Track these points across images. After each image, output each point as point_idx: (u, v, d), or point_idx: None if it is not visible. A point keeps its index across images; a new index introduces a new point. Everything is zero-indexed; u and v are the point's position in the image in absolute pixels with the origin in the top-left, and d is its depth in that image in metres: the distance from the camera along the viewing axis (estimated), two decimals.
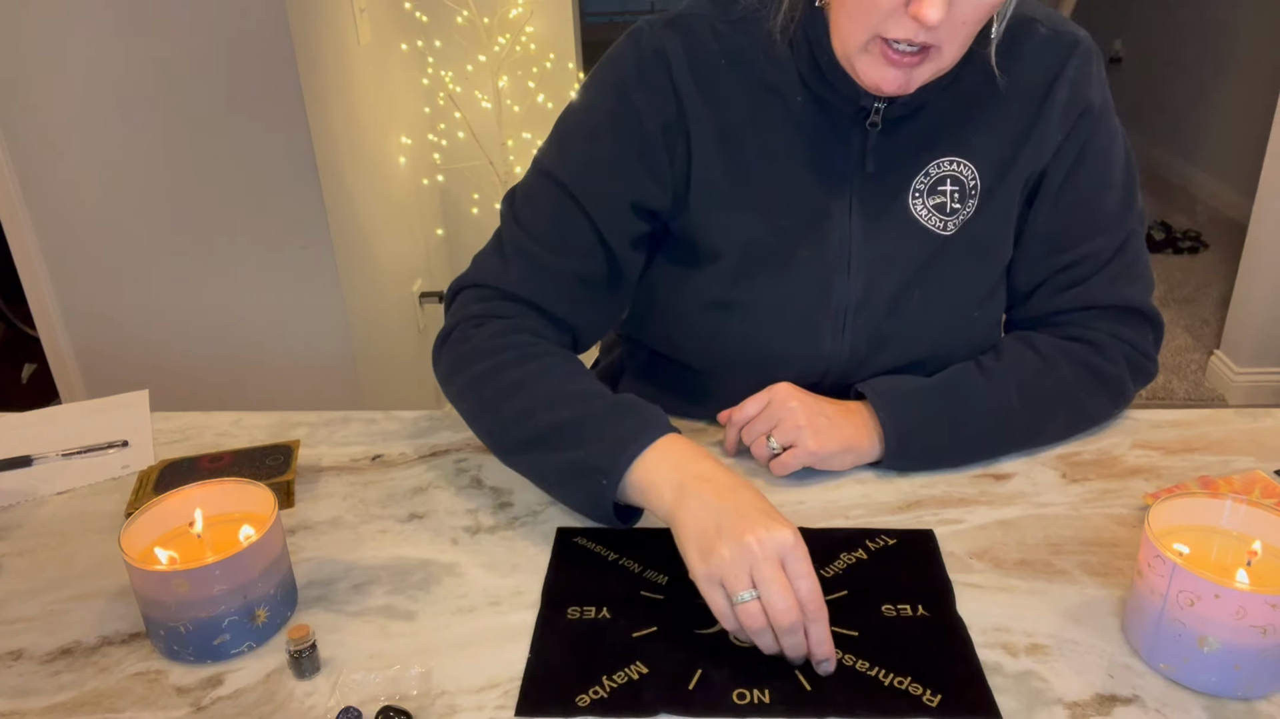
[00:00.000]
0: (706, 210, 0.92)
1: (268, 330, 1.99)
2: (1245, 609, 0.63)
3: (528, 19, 2.38)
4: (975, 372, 0.94)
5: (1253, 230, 2.59)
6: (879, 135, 0.89)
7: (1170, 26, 4.45)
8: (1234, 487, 0.85)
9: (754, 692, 0.67)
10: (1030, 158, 0.92)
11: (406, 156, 2.35)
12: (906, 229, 0.92)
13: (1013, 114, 0.91)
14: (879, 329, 0.95)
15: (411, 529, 0.87)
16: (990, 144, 0.92)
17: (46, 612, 0.78)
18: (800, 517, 0.86)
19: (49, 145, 1.84)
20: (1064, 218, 0.95)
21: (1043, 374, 0.94)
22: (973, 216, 0.93)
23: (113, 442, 1.01)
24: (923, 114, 0.90)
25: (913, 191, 0.92)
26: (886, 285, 0.93)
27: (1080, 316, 0.97)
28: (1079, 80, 0.91)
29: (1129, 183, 0.96)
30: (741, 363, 0.97)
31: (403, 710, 0.66)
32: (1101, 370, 0.95)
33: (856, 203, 0.92)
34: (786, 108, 0.90)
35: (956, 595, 0.76)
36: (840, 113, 0.89)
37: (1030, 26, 0.91)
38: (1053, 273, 0.96)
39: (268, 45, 1.74)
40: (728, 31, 0.90)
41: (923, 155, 0.91)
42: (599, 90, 0.92)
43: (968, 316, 0.97)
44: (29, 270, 1.94)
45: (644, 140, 0.90)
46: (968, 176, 0.92)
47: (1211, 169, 4.13)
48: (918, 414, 0.91)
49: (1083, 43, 0.92)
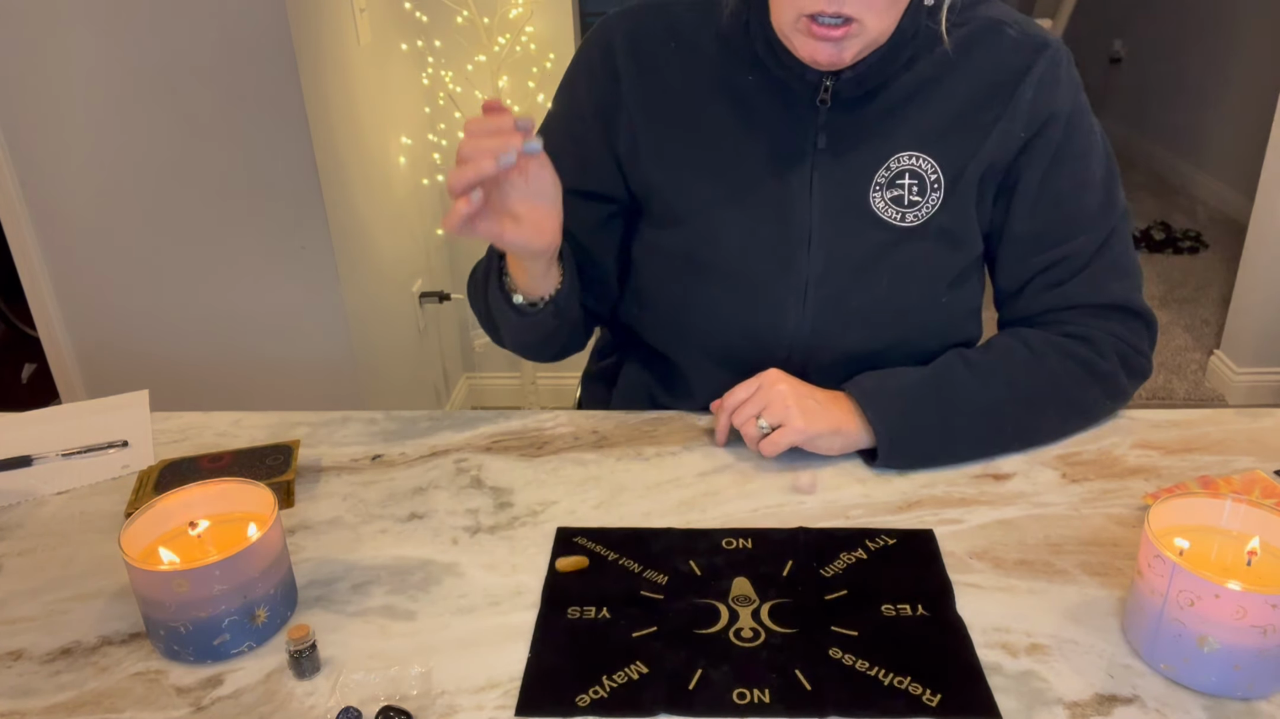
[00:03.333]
0: (665, 184, 0.98)
1: (268, 330, 1.99)
2: (1245, 609, 0.63)
3: (528, 19, 2.38)
4: (961, 366, 0.95)
5: (1253, 230, 2.59)
6: (836, 114, 0.93)
7: (1170, 26, 4.45)
8: (1234, 487, 0.85)
9: (754, 692, 0.67)
10: (992, 151, 0.94)
11: (406, 156, 2.35)
12: (865, 220, 0.95)
13: (974, 109, 0.94)
14: (843, 305, 0.97)
15: (411, 529, 0.87)
16: (951, 138, 0.94)
17: (46, 612, 0.78)
18: (800, 517, 0.86)
19: (49, 145, 1.84)
20: (1043, 219, 0.96)
21: (1032, 367, 0.95)
22: (938, 209, 0.95)
23: (113, 442, 1.01)
24: (880, 97, 0.93)
25: (874, 184, 0.95)
26: (849, 262, 0.96)
27: (1069, 315, 0.98)
28: (1047, 82, 0.93)
29: (1109, 181, 0.97)
30: (707, 334, 1.00)
31: (403, 710, 0.66)
32: (1092, 363, 0.95)
33: (817, 181, 0.95)
34: (741, 87, 0.95)
35: (956, 595, 0.76)
36: (793, 92, 0.93)
37: (999, 29, 0.94)
38: (1036, 273, 0.98)
39: (268, 46, 1.74)
40: (682, 15, 0.96)
41: (885, 147, 0.94)
42: (560, 86, 1.02)
43: (935, 301, 0.98)
44: (29, 270, 1.94)
45: (585, 129, 0.98)
46: (928, 171, 0.94)
47: (1211, 169, 4.12)
48: (907, 415, 0.91)
49: (1052, 45, 0.94)
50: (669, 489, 0.91)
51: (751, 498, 0.89)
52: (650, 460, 0.95)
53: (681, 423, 1.02)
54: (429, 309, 2.48)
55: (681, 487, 0.91)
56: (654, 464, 0.95)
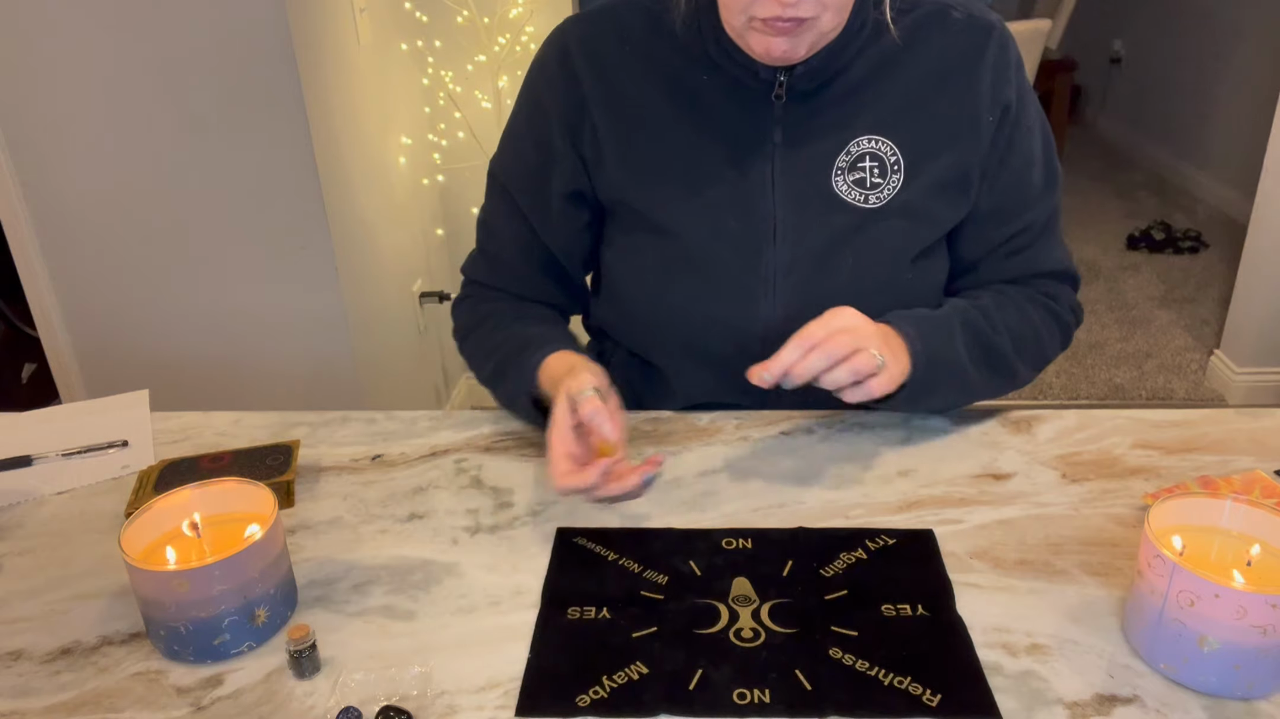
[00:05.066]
0: (631, 184, 0.99)
1: (268, 330, 1.99)
2: (1245, 609, 0.63)
3: (528, 19, 2.38)
4: (974, 310, 0.98)
5: (1253, 230, 2.59)
6: (794, 107, 0.95)
7: (1170, 26, 4.45)
8: (1234, 487, 0.85)
9: (754, 692, 0.68)
10: (970, 142, 0.96)
11: (406, 156, 2.36)
12: (829, 204, 0.97)
13: (933, 94, 0.96)
14: (810, 291, 0.98)
15: (411, 529, 0.87)
16: (909, 122, 0.96)
17: (46, 612, 0.78)
18: (800, 517, 0.86)
19: (49, 145, 1.84)
20: (999, 196, 1.00)
21: (1022, 319, 1.00)
22: (900, 189, 0.97)
23: (113, 442, 1.01)
24: (834, 87, 0.95)
25: (835, 169, 0.96)
26: (814, 250, 0.97)
27: (1026, 279, 1.04)
28: (999, 66, 0.96)
29: (1048, 155, 1.02)
30: (680, 331, 1.02)
31: (403, 710, 0.66)
32: (1062, 318, 1.04)
33: (778, 175, 0.96)
34: (697, 88, 0.96)
35: (956, 595, 0.76)
36: (748, 89, 0.95)
37: (944, 13, 0.97)
38: (996, 244, 1.02)
39: (268, 45, 1.74)
40: (635, 19, 0.98)
41: (843, 134, 0.96)
42: (522, 92, 1.04)
43: (900, 278, 1.00)
44: (29, 270, 1.94)
45: (551, 133, 0.99)
46: (887, 153, 0.96)
47: (1211, 169, 4.12)
48: (941, 342, 0.93)
49: (997, 26, 0.97)
50: (669, 489, 0.91)
51: (751, 498, 0.89)
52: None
53: (682, 423, 1.02)
54: (429, 309, 2.48)
55: (681, 487, 0.91)
56: None
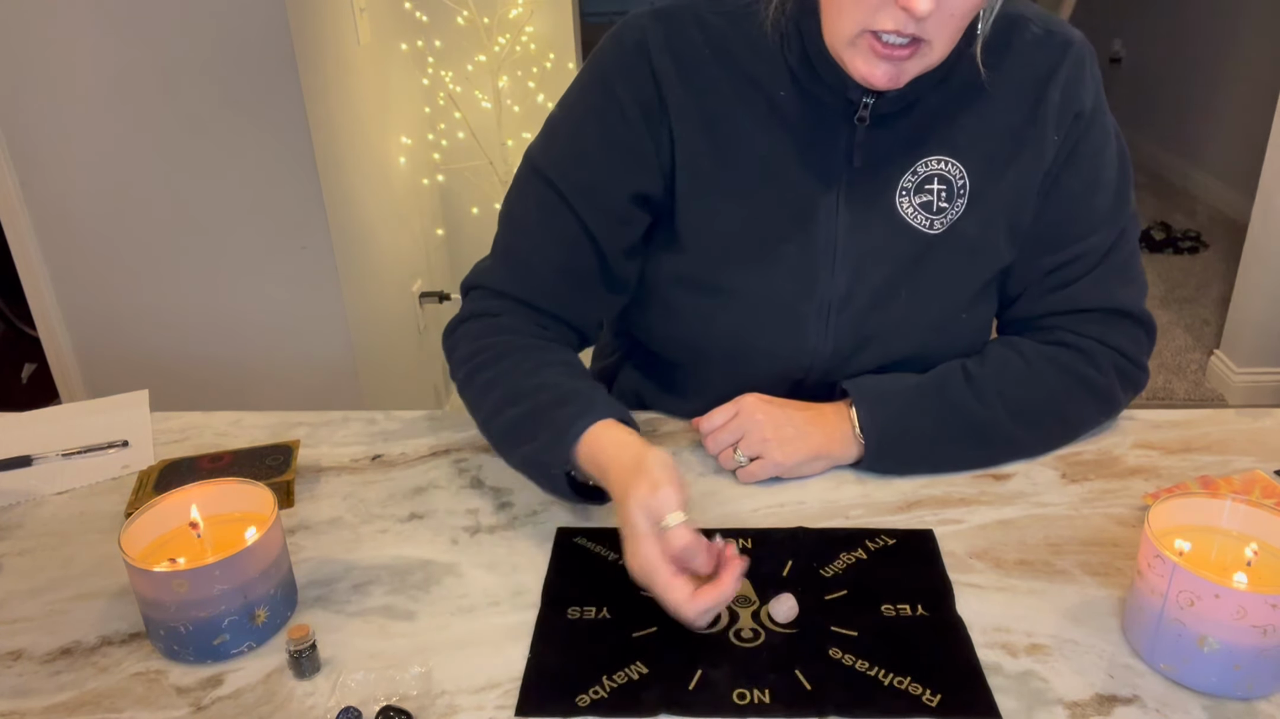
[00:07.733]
0: (692, 196, 0.93)
1: (268, 330, 1.99)
2: (1245, 609, 0.63)
3: (528, 19, 2.38)
4: (960, 376, 0.93)
5: (1253, 230, 2.59)
6: (868, 130, 0.89)
7: (1170, 26, 4.45)
8: (1234, 487, 0.85)
9: (754, 692, 0.67)
10: (1030, 161, 0.91)
11: (406, 156, 2.35)
12: (892, 227, 0.92)
13: (1003, 113, 0.90)
14: (863, 326, 0.94)
15: (411, 529, 0.87)
16: (980, 143, 0.91)
17: (46, 612, 0.78)
18: (800, 517, 0.86)
19: (49, 145, 1.84)
20: (1053, 217, 0.93)
21: (1029, 383, 0.93)
22: (961, 216, 0.92)
23: (113, 442, 1.01)
24: (913, 111, 0.89)
25: (900, 190, 0.91)
26: (871, 282, 0.93)
27: (1069, 320, 0.95)
28: (1072, 81, 0.90)
29: (1122, 184, 0.94)
30: (727, 356, 0.97)
31: (403, 710, 0.66)
32: (1089, 379, 0.94)
33: (844, 198, 0.91)
34: (773, 101, 0.90)
35: (956, 595, 0.76)
36: (829, 107, 0.89)
37: (1022, 25, 0.90)
38: (1043, 274, 0.95)
39: (268, 45, 1.74)
40: (716, 22, 0.90)
41: (911, 153, 0.90)
42: (584, 85, 0.93)
43: (955, 318, 0.96)
44: (29, 270, 1.94)
45: (628, 129, 0.90)
46: (955, 176, 0.91)
47: (1211, 169, 4.12)
48: (899, 417, 0.91)
49: (1076, 43, 0.91)
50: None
51: (751, 498, 0.89)
52: None
53: (682, 423, 1.01)
54: (429, 309, 2.48)
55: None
56: None
